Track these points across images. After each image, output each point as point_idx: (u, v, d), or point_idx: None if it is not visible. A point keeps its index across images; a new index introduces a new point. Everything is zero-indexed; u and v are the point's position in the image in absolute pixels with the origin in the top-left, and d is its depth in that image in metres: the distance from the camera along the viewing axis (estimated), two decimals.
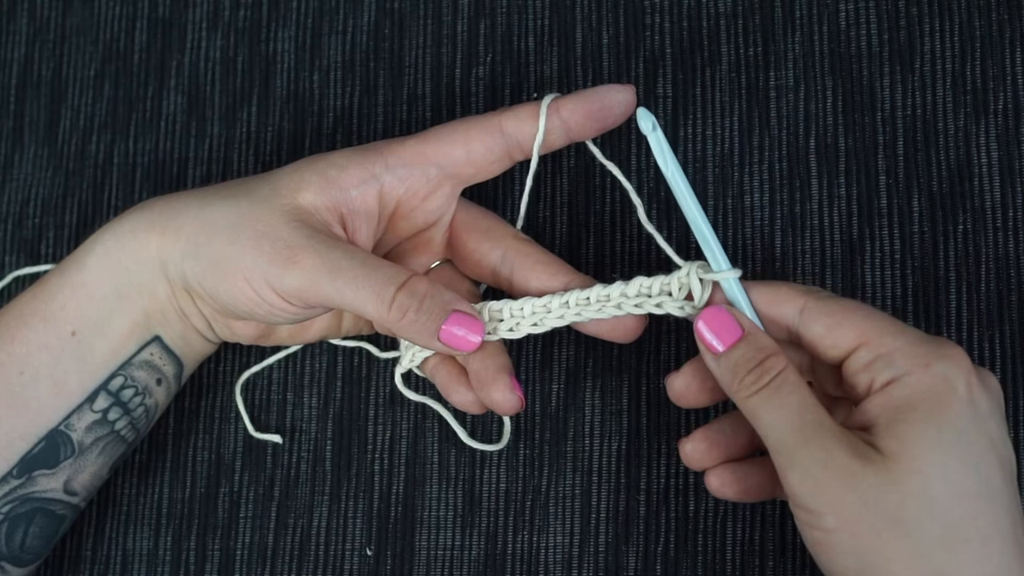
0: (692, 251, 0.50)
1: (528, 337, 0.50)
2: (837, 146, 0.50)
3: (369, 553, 0.50)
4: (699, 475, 0.48)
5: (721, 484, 0.43)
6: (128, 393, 0.47)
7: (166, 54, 0.57)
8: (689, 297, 0.43)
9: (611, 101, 0.44)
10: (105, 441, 0.47)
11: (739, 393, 0.40)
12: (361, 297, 0.42)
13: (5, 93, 0.59)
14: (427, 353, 0.47)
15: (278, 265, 0.42)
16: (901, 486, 0.37)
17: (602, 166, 0.52)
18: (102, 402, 0.46)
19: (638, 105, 0.43)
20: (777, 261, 0.49)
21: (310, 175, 0.44)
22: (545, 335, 0.50)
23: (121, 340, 0.46)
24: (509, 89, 0.53)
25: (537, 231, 0.51)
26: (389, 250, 0.48)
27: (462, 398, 0.46)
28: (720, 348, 0.41)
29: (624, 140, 0.52)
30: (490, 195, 0.52)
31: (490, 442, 0.50)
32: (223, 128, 0.56)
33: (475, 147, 0.45)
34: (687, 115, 0.51)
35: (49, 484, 0.46)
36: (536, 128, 0.44)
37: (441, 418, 0.50)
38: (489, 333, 0.44)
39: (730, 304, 0.42)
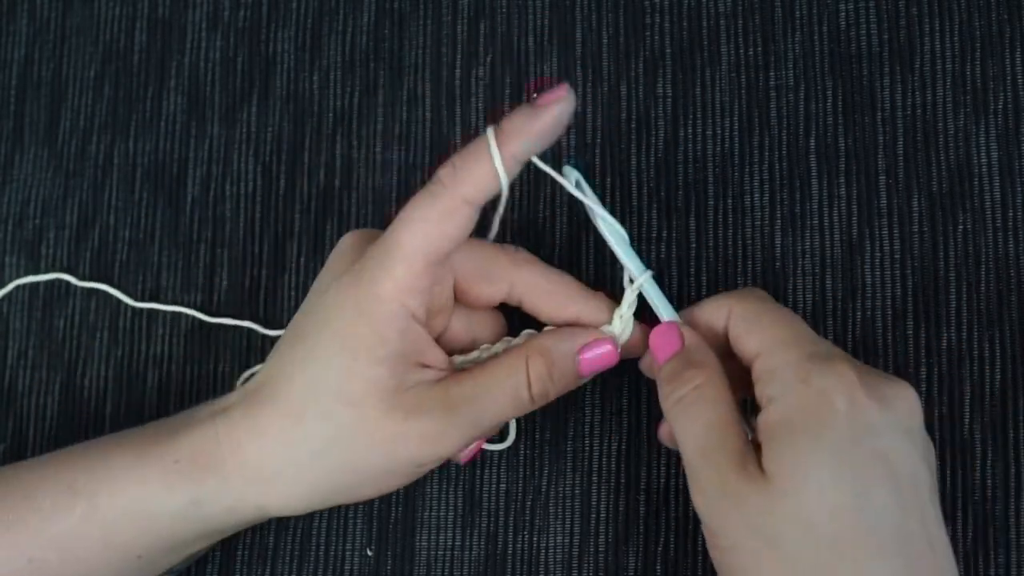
0: (691, 254, 0.50)
1: None
2: (837, 146, 0.50)
3: (369, 553, 0.50)
4: None
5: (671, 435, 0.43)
6: (173, 571, 0.47)
7: (166, 54, 0.57)
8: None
9: (556, 116, 0.40)
10: None
11: (664, 403, 0.41)
12: (508, 415, 0.43)
13: (5, 93, 0.59)
14: None
15: (427, 453, 0.42)
16: (778, 507, 0.37)
17: (602, 168, 0.52)
18: None
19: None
20: (777, 261, 0.49)
21: (373, 372, 0.41)
22: None
23: (190, 558, 0.47)
24: (509, 89, 0.53)
25: (537, 231, 0.51)
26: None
27: None
28: (661, 359, 0.42)
29: (624, 140, 0.52)
30: None
31: (490, 442, 0.50)
32: (223, 128, 0.56)
33: (449, 230, 0.41)
34: (687, 115, 0.51)
35: None
36: (494, 181, 0.41)
37: None
38: None
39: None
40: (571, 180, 0.43)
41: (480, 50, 0.54)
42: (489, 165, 0.40)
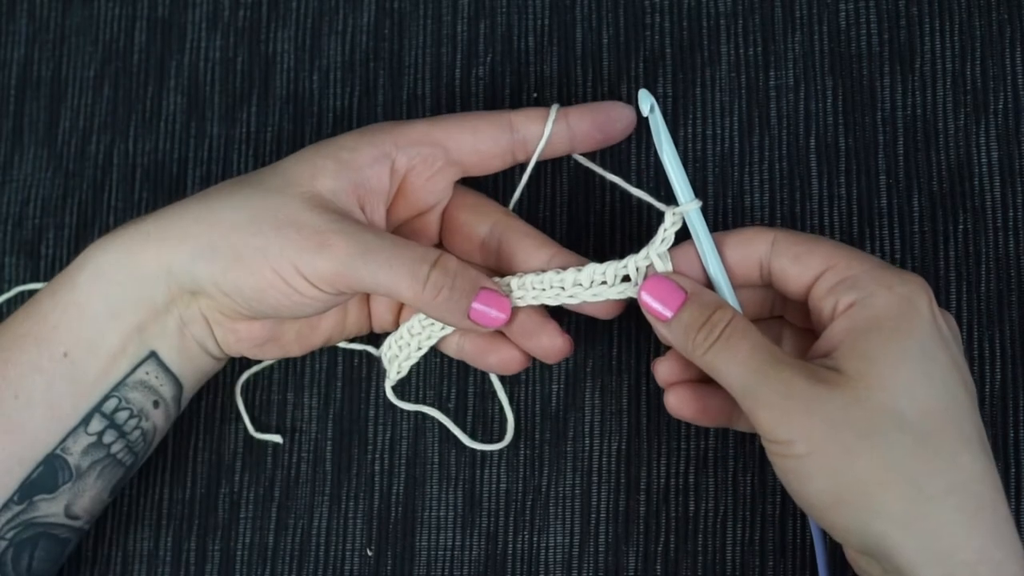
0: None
1: None
2: (837, 146, 0.50)
3: (369, 554, 0.50)
4: (699, 475, 0.48)
5: (679, 402, 0.44)
6: (123, 415, 0.46)
7: (166, 54, 0.57)
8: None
9: (616, 115, 0.47)
10: (102, 464, 0.46)
11: (695, 352, 0.41)
12: (395, 277, 0.42)
13: (5, 93, 0.59)
14: (412, 362, 0.48)
15: (309, 251, 0.42)
16: (867, 403, 0.38)
17: (602, 168, 0.52)
18: (96, 424, 0.45)
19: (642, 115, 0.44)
20: None
21: (323, 161, 0.44)
22: None
23: (113, 359, 0.45)
24: (509, 89, 0.53)
25: None
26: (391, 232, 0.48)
27: (502, 356, 0.46)
28: (668, 314, 0.42)
29: (624, 140, 0.51)
30: (487, 192, 0.52)
31: (491, 442, 0.50)
32: (223, 128, 0.56)
33: (483, 137, 0.46)
34: (687, 115, 0.51)
35: (50, 509, 0.46)
36: (541, 125, 0.46)
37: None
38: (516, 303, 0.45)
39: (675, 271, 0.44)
40: (645, 104, 0.44)
41: (480, 50, 0.54)
42: (543, 111, 0.46)
